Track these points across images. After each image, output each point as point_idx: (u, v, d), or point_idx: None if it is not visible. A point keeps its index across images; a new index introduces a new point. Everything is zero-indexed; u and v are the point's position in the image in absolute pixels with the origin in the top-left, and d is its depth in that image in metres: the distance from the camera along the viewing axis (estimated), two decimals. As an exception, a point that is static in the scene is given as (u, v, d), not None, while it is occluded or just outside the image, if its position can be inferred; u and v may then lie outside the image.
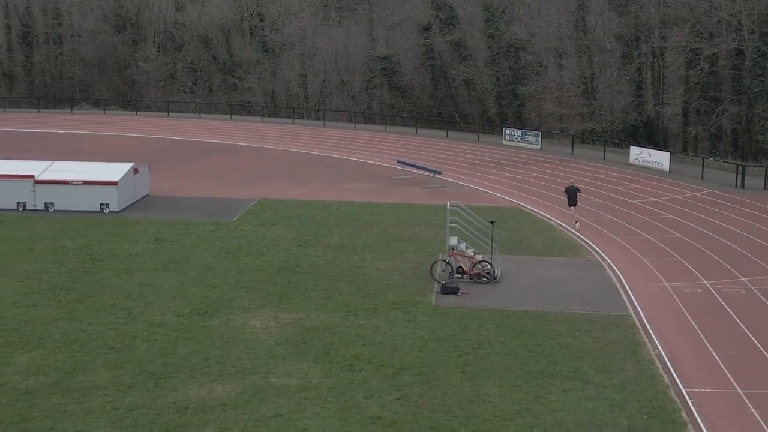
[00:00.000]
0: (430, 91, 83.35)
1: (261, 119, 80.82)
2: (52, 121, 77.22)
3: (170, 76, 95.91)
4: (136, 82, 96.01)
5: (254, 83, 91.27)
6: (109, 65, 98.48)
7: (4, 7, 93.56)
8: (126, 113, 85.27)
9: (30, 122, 75.98)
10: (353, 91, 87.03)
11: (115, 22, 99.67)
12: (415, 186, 49.04)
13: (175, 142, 65.21)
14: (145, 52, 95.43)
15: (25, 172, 41.18)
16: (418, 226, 39.10)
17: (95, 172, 41.47)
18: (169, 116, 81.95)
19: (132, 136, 68.10)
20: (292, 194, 45.95)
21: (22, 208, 40.74)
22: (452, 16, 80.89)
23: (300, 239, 36.19)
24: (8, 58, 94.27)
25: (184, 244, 35.14)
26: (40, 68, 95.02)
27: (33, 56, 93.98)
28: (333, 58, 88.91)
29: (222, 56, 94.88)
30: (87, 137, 67.64)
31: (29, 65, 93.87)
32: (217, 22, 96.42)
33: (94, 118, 79.72)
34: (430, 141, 67.34)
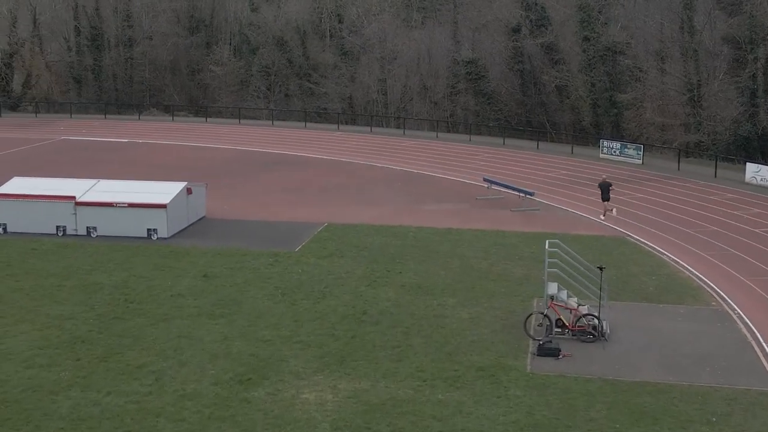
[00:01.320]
0: (519, 98, 78.01)
1: (337, 127, 76.40)
2: (117, 128, 73.98)
3: (244, 80, 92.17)
4: (208, 86, 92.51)
5: (331, 88, 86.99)
6: (181, 69, 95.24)
7: (73, 9, 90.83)
8: (196, 120, 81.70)
9: (94, 130, 72.84)
10: (436, 97, 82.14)
11: (189, 23, 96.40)
12: (503, 208, 43.93)
13: (243, 154, 61.13)
14: (217, 55, 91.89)
15: (66, 193, 37.27)
16: (508, 260, 34.05)
17: (143, 193, 37.35)
18: (240, 123, 78.10)
19: (197, 146, 64.29)
20: (364, 217, 41.28)
21: (62, 232, 36.84)
22: (543, 17, 75.52)
23: (370, 276, 31.48)
24: (77, 62, 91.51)
25: (236, 280, 30.69)
26: (109, 72, 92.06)
27: (102, 60, 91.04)
28: (415, 61, 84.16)
29: (298, 60, 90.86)
30: (150, 147, 64.02)
31: (98, 69, 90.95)
32: (293, 24, 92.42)
33: (161, 125, 76.28)
34: (518, 153, 62.09)
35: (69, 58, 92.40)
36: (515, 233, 38.50)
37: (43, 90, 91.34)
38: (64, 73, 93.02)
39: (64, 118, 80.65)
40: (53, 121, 78.34)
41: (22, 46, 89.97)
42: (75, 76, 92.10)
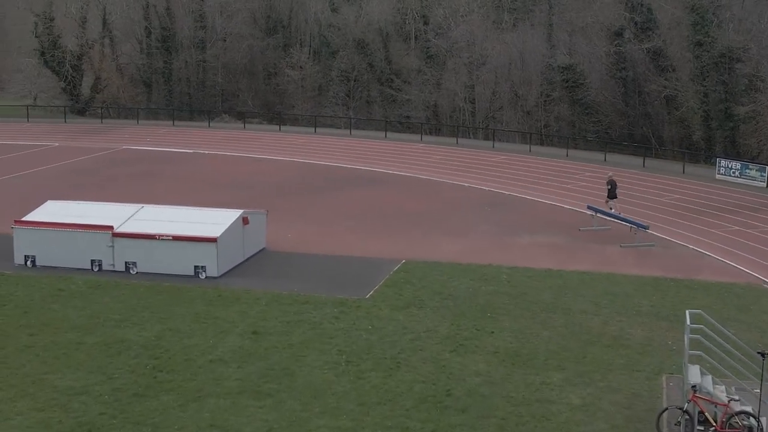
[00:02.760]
0: (620, 108, 71.48)
1: (420, 138, 70.91)
2: (185, 137, 69.65)
3: (322, 86, 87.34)
4: (284, 92, 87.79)
5: (414, 95, 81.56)
6: (256, 73, 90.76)
7: (144, 8, 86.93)
8: (269, 128, 77.00)
9: (159, 138, 68.63)
10: (528, 106, 76.11)
11: (265, 24, 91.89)
12: (611, 243, 37.93)
13: (316, 169, 56.07)
14: (295, 58, 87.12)
15: (103, 221, 32.51)
16: (623, 315, 28.21)
17: (192, 223, 32.40)
18: (316, 133, 73.10)
19: (267, 159, 59.45)
20: (448, 252, 35.76)
21: (97, 267, 32.12)
22: (650, 19, 68.95)
23: (455, 336, 25.96)
24: (147, 65, 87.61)
25: (292, 340, 25.44)
26: (180, 76, 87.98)
27: (172, 62, 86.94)
28: (505, 67, 78.24)
29: (379, 64, 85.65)
30: (215, 159, 59.42)
31: (168, 72, 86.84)
32: (375, 26, 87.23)
33: (231, 134, 71.73)
34: (622, 172, 55.69)
35: (139, 60, 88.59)
36: (629, 278, 32.54)
37: (112, 94, 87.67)
38: (134, 76, 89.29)
39: (131, 125, 76.75)
40: (118, 128, 74.45)
41: (91, 47, 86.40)
42: (144, 79, 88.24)
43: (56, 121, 78.87)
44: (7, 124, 75.58)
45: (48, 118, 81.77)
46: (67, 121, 78.72)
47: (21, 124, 76.32)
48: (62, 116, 79.95)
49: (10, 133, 70.32)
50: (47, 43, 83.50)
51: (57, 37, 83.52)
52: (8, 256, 33.15)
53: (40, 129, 73.27)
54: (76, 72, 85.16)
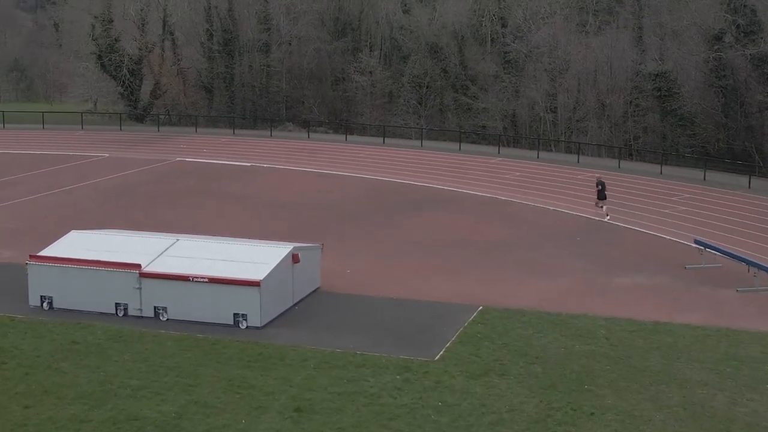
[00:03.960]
0: (719, 120, 65.60)
1: (497, 150, 65.73)
2: (244, 147, 65.48)
3: (392, 92, 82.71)
4: (352, 99, 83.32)
5: (491, 104, 76.44)
6: (322, 78, 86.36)
7: (205, 10, 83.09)
8: (335, 138, 72.56)
9: (216, 148, 64.57)
10: (615, 117, 70.53)
11: (334, 27, 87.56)
12: (725, 286, 32.46)
13: (382, 186, 51.40)
14: (364, 63, 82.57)
15: (130, 258, 28.14)
16: (754, 391, 22.91)
17: (233, 261, 27.86)
18: (385, 143, 68.39)
19: (330, 174, 54.94)
20: (532, 296, 30.74)
21: (122, 312, 27.78)
22: (754, 22, 63.06)
23: (546, 420, 20.95)
24: (208, 69, 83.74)
25: (342, 421, 20.67)
26: (243, 81, 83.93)
27: (234, 67, 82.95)
28: (590, 73, 72.81)
29: (454, 69, 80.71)
30: (274, 174, 55.10)
31: (230, 77, 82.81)
32: (449, 28, 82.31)
33: (294, 144, 67.36)
34: (725, 194, 50.07)
35: (200, 65, 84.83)
36: (754, 336, 27.14)
37: (172, 100, 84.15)
38: (194, 81, 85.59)
39: (188, 134, 72.88)
40: (174, 137, 70.62)
41: (151, 51, 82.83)
42: (206, 85, 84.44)
43: (111, 128, 75.47)
44: (60, 133, 72.34)
45: (104, 124, 78.49)
46: (122, 128, 75.23)
47: (74, 132, 72.97)
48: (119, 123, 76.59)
49: (60, 142, 66.98)
50: (104, 46, 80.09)
51: (115, 40, 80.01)
52: (26, 294, 29.03)
53: (92, 138, 69.80)
54: (134, 77, 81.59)
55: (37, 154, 61.56)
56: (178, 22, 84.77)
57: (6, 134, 71.39)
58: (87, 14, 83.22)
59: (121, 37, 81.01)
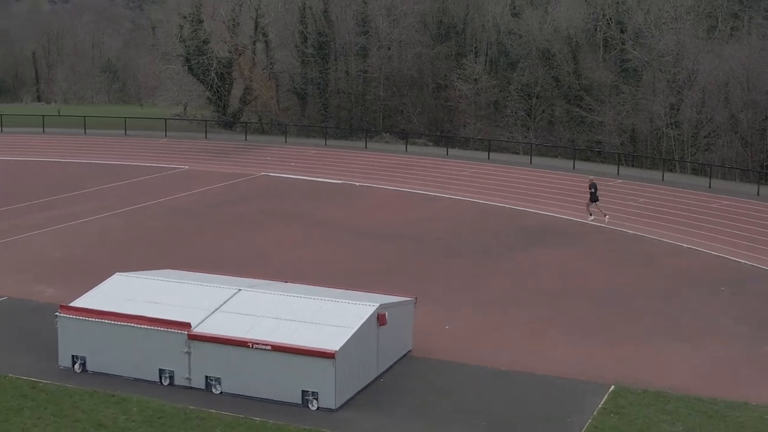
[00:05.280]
0: None
1: (616, 171, 59.21)
2: (336, 161, 60.36)
3: (498, 102, 76.73)
4: (454, 109, 77.51)
5: (608, 117, 69.87)
6: (423, 86, 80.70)
7: (300, 10, 78.24)
8: (435, 151, 66.89)
9: (306, 161, 59.60)
10: (750, 136, 63.38)
11: (437, 30, 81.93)
12: None
13: (489, 213, 45.68)
14: (468, 69, 76.75)
15: (178, 314, 23.04)
16: None
17: (304, 323, 22.54)
18: (490, 159, 62.50)
19: (428, 196, 49.43)
20: (674, 371, 24.73)
21: (167, 380, 22.71)
22: None
23: None
24: (301, 74, 78.88)
25: None
26: (338, 87, 78.80)
27: (329, 72, 77.88)
28: (721, 85, 65.78)
29: (566, 78, 74.36)
30: (366, 194, 49.88)
31: (324, 83, 77.75)
32: (563, 33, 75.97)
33: (390, 158, 61.93)
34: None
35: (293, 69, 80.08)
36: None
37: (262, 107, 79.65)
38: (287, 87, 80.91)
39: (277, 144, 68.07)
40: (262, 148, 65.91)
41: (241, 54, 78.42)
42: (298, 91, 79.63)
43: (197, 136, 71.18)
44: (142, 140, 68.32)
45: (190, 131, 74.21)
46: (208, 136, 70.94)
47: (156, 140, 68.87)
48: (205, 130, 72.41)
49: (141, 151, 62.92)
50: (193, 48, 75.95)
51: (203, 42, 75.78)
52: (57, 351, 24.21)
53: (175, 146, 65.59)
54: (223, 81, 77.23)
55: (114, 165, 57.48)
56: (271, 24, 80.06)
57: (87, 141, 67.65)
58: (176, 14, 79.25)
59: (211, 39, 76.75)
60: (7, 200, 45.69)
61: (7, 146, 64.45)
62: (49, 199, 46.51)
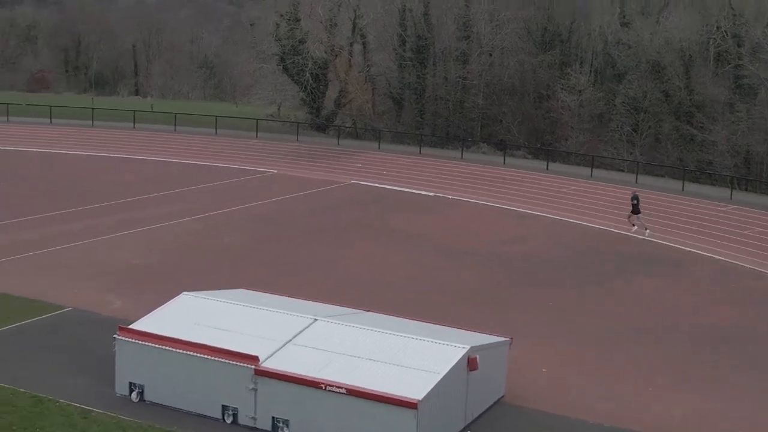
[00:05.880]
0: None
1: (729, 195, 55.55)
2: (430, 170, 57.92)
3: (602, 115, 73.29)
4: (556, 120, 74.31)
5: (720, 136, 65.94)
6: (524, 95, 77.59)
7: (400, 12, 75.84)
8: (534, 164, 63.97)
9: (398, 170, 57.27)
10: None
11: (541, 38, 78.85)
12: None
13: (590, 236, 42.73)
14: (573, 80, 73.54)
15: (246, 343, 20.84)
16: None
17: (384, 363, 20.13)
18: (592, 176, 59.32)
19: (525, 214, 46.68)
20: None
21: (230, 418, 20.50)
22: None
23: None
24: (398, 78, 76.48)
25: None
26: (435, 93, 76.17)
27: (426, 77, 75.33)
28: None
29: (677, 93, 70.58)
30: (461, 209, 47.35)
31: (421, 89, 75.17)
32: (675, 45, 72.18)
33: (487, 171, 59.18)
34: None
35: (390, 73, 77.78)
36: None
37: (357, 110, 77.58)
38: (383, 91, 78.67)
39: (370, 150, 65.89)
40: (354, 153, 63.86)
41: (338, 55, 76.46)
42: (394, 95, 77.32)
43: (288, 138, 69.42)
44: (232, 140, 66.85)
45: (282, 132, 72.51)
46: (300, 138, 69.14)
47: (248, 140, 67.31)
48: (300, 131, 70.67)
49: (231, 152, 61.41)
50: (288, 47, 74.24)
51: (299, 41, 74.01)
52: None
53: (266, 148, 63.93)
54: (318, 82, 75.35)
55: (200, 166, 56.02)
56: (369, 25, 77.92)
57: (176, 139, 66.47)
58: (273, 12, 77.67)
59: (307, 39, 74.93)
60: (84, 199, 44.26)
61: (95, 141, 63.61)
62: (129, 199, 45.04)
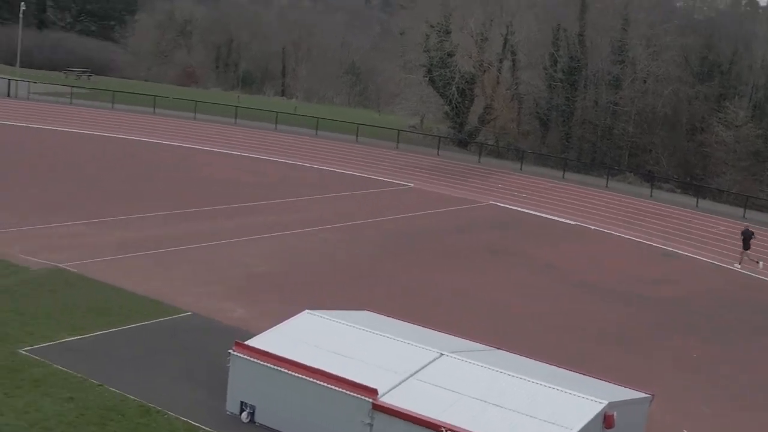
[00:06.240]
0: None
1: None
2: (571, 196, 55.77)
3: (759, 152, 69.71)
4: (709, 155, 71.00)
5: None
6: (676, 126, 74.48)
7: (554, 31, 73.65)
8: (683, 200, 60.76)
9: (539, 193, 55.30)
10: None
11: (699, 67, 75.72)
12: None
13: (736, 281, 40.06)
14: (730, 114, 70.19)
15: (365, 372, 19.49)
16: None
17: (511, 411, 18.44)
18: (745, 218, 55.96)
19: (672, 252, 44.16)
20: None
21: (344, 454, 19.25)
22: None
23: None
24: (546, 99, 74.37)
25: None
26: (583, 117, 73.75)
27: (576, 100, 73.00)
28: None
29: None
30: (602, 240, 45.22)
31: (569, 112, 72.88)
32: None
33: (632, 202, 56.42)
34: None
35: (538, 92, 75.78)
36: None
37: (501, 128, 75.86)
38: (529, 111, 76.72)
39: (511, 171, 64.01)
40: (494, 173, 62.14)
41: (486, 70, 74.92)
42: (541, 116, 75.27)
43: (428, 151, 68.19)
44: (372, 149, 66.04)
45: (422, 145, 71.38)
46: (440, 153, 67.79)
47: (387, 151, 66.32)
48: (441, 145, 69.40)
49: (368, 162, 60.63)
50: (437, 59, 73.09)
51: (448, 54, 72.78)
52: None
53: (404, 160, 62.84)
54: (464, 97, 73.94)
55: (337, 174, 55.37)
56: (521, 42, 76.14)
57: (315, 144, 66.00)
58: (424, 22, 76.66)
59: (456, 52, 73.64)
60: (215, 199, 43.87)
61: (236, 139, 63.69)
62: (260, 203, 44.47)
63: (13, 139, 55.14)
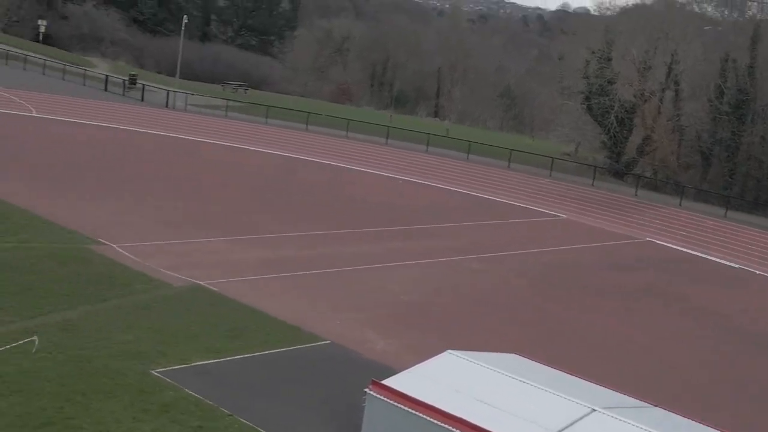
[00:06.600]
0: None
1: None
2: (727, 236, 52.87)
3: None
4: None
5: None
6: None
7: (721, 61, 70.41)
8: None
9: (698, 232, 52.64)
10: None
11: None
12: None
13: None
14: None
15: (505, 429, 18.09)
16: None
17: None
18: None
19: None
20: None
21: None
22: None
23: None
24: (710, 132, 71.20)
25: None
26: (749, 153, 70.35)
27: (743, 135, 69.65)
28: None
29: None
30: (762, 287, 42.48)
31: (734, 146, 69.63)
32: None
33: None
34: None
35: (701, 125, 72.67)
36: None
37: (660, 161, 73.10)
38: (691, 143, 73.69)
39: (670, 206, 61.31)
40: (651, 207, 59.61)
41: (647, 100, 72.33)
42: (703, 150, 72.13)
43: (583, 181, 66.22)
44: (522, 176, 64.52)
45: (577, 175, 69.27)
46: (594, 184, 65.62)
47: (539, 178, 64.67)
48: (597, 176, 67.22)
49: (520, 190, 59.15)
50: (596, 86, 71.03)
51: (608, 81, 70.60)
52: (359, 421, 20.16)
53: (557, 189, 61.13)
54: (623, 126, 71.58)
55: (487, 200, 54.02)
56: (685, 72, 73.23)
57: (466, 168, 64.83)
58: (584, 48, 74.66)
59: (617, 80, 71.36)
60: (362, 221, 43.08)
61: (387, 160, 63.11)
62: (407, 227, 43.43)
63: (169, 151, 55.90)
